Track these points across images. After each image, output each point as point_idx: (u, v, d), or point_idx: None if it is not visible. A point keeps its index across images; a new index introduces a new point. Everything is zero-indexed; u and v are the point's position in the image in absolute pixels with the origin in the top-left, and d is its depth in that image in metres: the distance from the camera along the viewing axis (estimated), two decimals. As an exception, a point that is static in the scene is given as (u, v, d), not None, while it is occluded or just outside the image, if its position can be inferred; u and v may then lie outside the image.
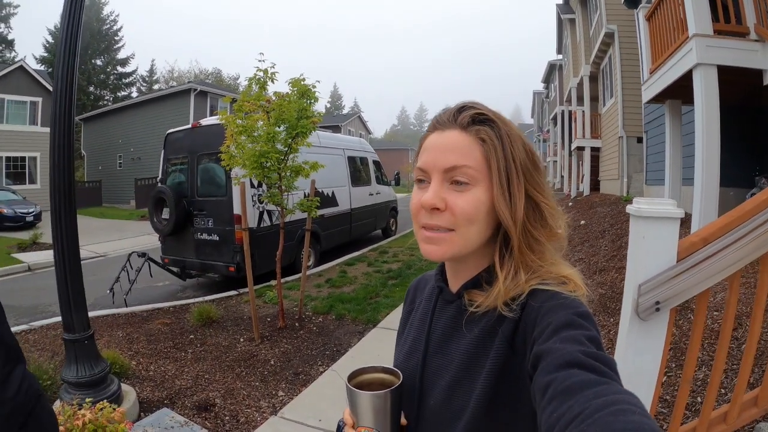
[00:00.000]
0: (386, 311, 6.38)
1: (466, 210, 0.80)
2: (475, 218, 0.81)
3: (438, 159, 0.82)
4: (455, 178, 0.81)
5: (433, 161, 0.83)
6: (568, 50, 21.60)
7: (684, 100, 7.40)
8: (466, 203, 0.80)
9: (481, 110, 0.84)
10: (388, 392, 0.86)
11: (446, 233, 0.82)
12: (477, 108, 0.85)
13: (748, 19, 5.71)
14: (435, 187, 0.82)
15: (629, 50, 13.38)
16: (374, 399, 0.86)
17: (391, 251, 11.11)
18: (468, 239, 0.83)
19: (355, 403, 0.88)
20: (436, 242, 0.83)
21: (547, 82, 33.12)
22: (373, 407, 0.86)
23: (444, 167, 0.81)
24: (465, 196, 0.81)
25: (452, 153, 0.81)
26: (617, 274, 5.73)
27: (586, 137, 17.86)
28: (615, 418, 0.51)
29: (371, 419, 0.87)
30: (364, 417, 0.87)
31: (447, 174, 0.81)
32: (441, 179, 0.82)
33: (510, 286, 0.81)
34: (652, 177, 11.13)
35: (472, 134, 0.82)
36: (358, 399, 0.87)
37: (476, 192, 0.81)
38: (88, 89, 41.65)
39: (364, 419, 0.87)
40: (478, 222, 0.81)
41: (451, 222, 0.81)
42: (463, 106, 0.86)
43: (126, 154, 28.35)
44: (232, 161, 5.32)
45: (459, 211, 0.80)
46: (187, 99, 24.97)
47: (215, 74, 58.75)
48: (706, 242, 1.86)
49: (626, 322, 1.94)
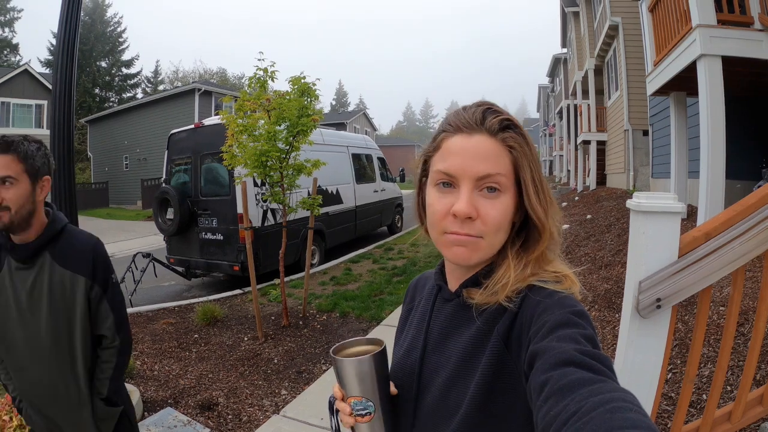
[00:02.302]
0: (390, 308, 6.35)
1: (497, 219, 0.81)
2: (502, 226, 0.82)
3: (469, 166, 0.81)
4: (488, 185, 0.81)
5: (462, 167, 0.81)
6: (573, 44, 21.44)
7: (689, 92, 7.31)
8: (498, 212, 0.81)
9: (506, 115, 0.84)
10: (371, 357, 0.87)
11: (476, 239, 0.82)
12: (501, 112, 0.84)
13: (752, 9, 5.63)
14: (467, 195, 0.80)
15: (634, 42, 13.26)
16: (358, 365, 0.87)
17: (396, 248, 11.09)
18: (493, 245, 0.84)
19: (341, 373, 0.89)
20: (465, 245, 0.82)
21: (552, 76, 32.92)
22: (358, 374, 0.87)
23: (477, 175, 0.80)
24: (496, 205, 0.81)
25: (485, 161, 0.80)
26: (623, 269, 5.68)
27: (591, 131, 17.74)
28: (612, 415, 0.51)
29: (358, 387, 0.88)
30: (351, 386, 0.88)
31: (479, 182, 0.81)
32: (472, 187, 0.81)
33: (518, 279, 0.82)
34: (659, 170, 11.04)
35: (501, 141, 0.81)
36: (343, 367, 0.88)
37: (504, 200, 0.82)
38: (93, 91, 41.89)
39: (352, 388, 0.88)
40: (504, 229, 0.83)
41: (481, 230, 0.81)
42: (486, 108, 0.84)
43: (132, 155, 28.46)
44: (234, 161, 5.32)
45: (491, 220, 0.81)
46: (191, 99, 25.04)
47: (220, 74, 58.85)
48: (708, 237, 1.82)
49: (627, 319, 1.91)
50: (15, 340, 1.74)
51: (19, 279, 1.72)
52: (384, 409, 0.91)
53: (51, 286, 1.74)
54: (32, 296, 1.72)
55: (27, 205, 1.68)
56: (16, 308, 1.71)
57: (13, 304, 1.71)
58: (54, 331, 1.75)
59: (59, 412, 1.82)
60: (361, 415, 0.89)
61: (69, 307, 1.77)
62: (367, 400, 0.89)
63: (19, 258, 1.73)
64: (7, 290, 1.71)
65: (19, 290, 1.72)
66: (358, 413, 0.89)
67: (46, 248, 1.76)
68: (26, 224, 1.71)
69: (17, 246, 1.72)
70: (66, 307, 1.76)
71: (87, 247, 1.84)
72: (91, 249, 1.84)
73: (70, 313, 1.77)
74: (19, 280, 1.72)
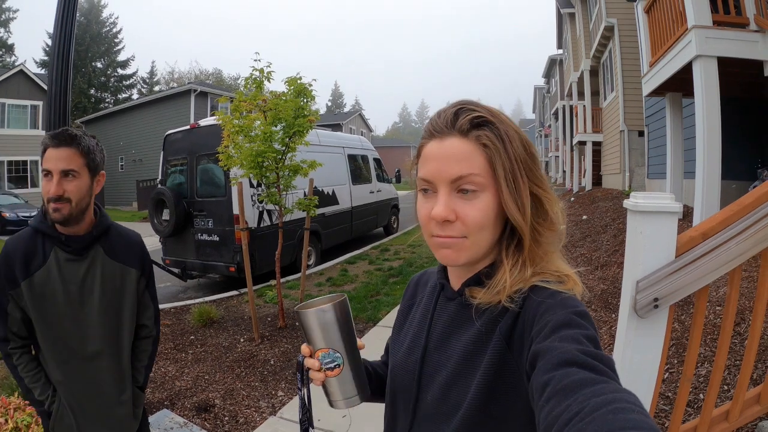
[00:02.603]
0: (387, 309, 6.34)
1: (477, 219, 0.81)
2: (485, 224, 0.82)
3: (443, 170, 0.81)
4: (462, 187, 0.81)
5: (437, 172, 0.82)
6: (568, 45, 21.50)
7: (685, 93, 7.34)
8: (477, 212, 0.81)
9: (478, 112, 0.82)
10: (332, 305, 0.91)
11: (460, 239, 0.82)
12: (474, 110, 0.83)
13: (747, 10, 5.65)
14: (444, 199, 0.81)
15: (629, 44, 13.30)
16: (321, 314, 0.90)
17: (392, 249, 11.08)
18: (480, 244, 0.84)
19: (306, 327, 0.91)
20: (450, 246, 0.83)
21: (547, 77, 33.01)
22: (321, 324, 0.90)
23: (450, 178, 0.81)
24: (474, 204, 0.81)
25: (457, 163, 0.80)
26: (619, 269, 5.69)
27: (587, 132, 17.77)
28: (614, 416, 0.51)
29: (322, 338, 0.91)
30: (316, 338, 0.91)
31: (454, 184, 0.81)
32: (448, 190, 0.82)
33: (517, 279, 0.82)
34: (654, 171, 11.07)
35: (473, 140, 0.81)
36: (307, 319, 0.91)
37: (484, 198, 0.81)
38: (88, 92, 41.69)
39: (317, 341, 0.91)
40: (488, 227, 0.82)
41: (462, 231, 0.82)
42: (458, 108, 0.84)
43: (127, 156, 28.38)
44: (230, 161, 5.30)
45: (470, 221, 0.81)
46: (187, 100, 24.99)
47: (216, 74, 58.75)
48: (705, 237, 1.82)
49: (624, 319, 1.91)
50: (63, 332, 1.74)
51: (68, 271, 1.73)
52: (352, 361, 0.93)
53: (103, 277, 1.80)
54: (83, 288, 1.76)
55: (85, 198, 1.72)
56: (65, 300, 1.72)
57: (62, 296, 1.72)
58: (104, 322, 1.80)
59: (102, 404, 1.85)
60: (330, 369, 0.91)
61: (119, 298, 1.85)
62: (334, 351, 0.91)
63: (72, 250, 1.74)
64: (54, 282, 1.71)
65: (68, 282, 1.73)
66: (327, 366, 0.91)
67: (98, 241, 1.81)
68: (81, 217, 1.74)
69: (70, 238, 1.74)
70: (117, 298, 1.84)
71: (136, 241, 1.96)
72: (139, 243, 1.96)
73: (119, 305, 1.85)
74: (68, 272, 1.73)
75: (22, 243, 1.72)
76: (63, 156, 1.64)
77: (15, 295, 1.69)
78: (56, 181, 1.63)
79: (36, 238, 1.73)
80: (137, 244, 1.95)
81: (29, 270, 1.69)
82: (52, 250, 1.72)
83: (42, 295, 1.70)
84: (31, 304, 1.69)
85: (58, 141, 1.65)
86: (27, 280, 1.68)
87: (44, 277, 1.70)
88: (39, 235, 1.74)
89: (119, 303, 1.85)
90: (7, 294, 1.69)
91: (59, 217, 1.65)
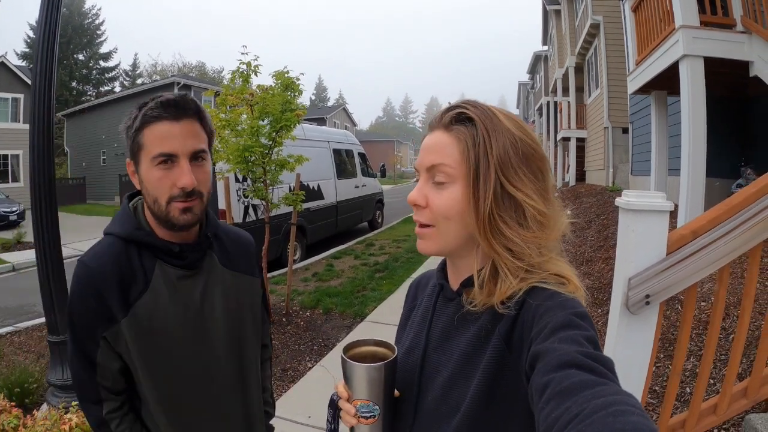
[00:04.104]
0: (374, 304, 6.36)
1: (441, 207, 0.84)
2: (450, 215, 0.84)
3: (423, 158, 0.88)
4: (435, 177, 0.85)
5: (420, 161, 0.89)
6: (554, 41, 21.64)
7: (670, 91, 7.42)
8: (441, 200, 0.84)
9: (465, 109, 0.84)
10: (384, 365, 0.87)
11: (429, 229, 0.87)
12: (462, 107, 0.85)
13: (734, 11, 5.73)
14: (420, 185, 0.88)
15: (615, 41, 13.41)
16: (370, 371, 0.87)
17: (377, 243, 11.09)
18: (447, 235, 0.86)
19: (351, 376, 0.89)
20: (423, 237, 0.88)
21: (532, 73, 33.18)
22: (369, 379, 0.88)
23: (426, 166, 0.87)
24: (442, 194, 0.84)
25: (433, 153, 0.86)
26: (604, 264, 5.76)
27: (571, 128, 17.94)
28: (614, 419, 0.51)
29: (366, 391, 0.88)
30: (359, 389, 0.89)
31: (429, 173, 0.87)
32: (426, 177, 0.87)
33: (504, 288, 0.81)
34: (638, 167, 11.20)
35: (452, 134, 0.84)
36: (355, 371, 0.88)
37: (453, 189, 0.83)
38: (70, 84, 41.00)
39: (360, 392, 0.89)
40: (454, 218, 0.84)
41: (429, 218, 0.86)
42: (451, 106, 0.88)
43: (110, 149, 27.93)
44: (216, 156, 5.25)
45: (435, 208, 0.85)
46: (170, 93, 24.70)
47: (199, 67, 58.30)
48: (695, 235, 1.85)
49: (616, 315, 1.93)
50: (181, 378, 1.25)
51: (183, 292, 1.24)
52: (388, 414, 0.92)
53: (226, 295, 1.33)
54: (203, 313, 1.28)
55: (210, 190, 1.26)
56: (182, 333, 1.24)
57: (178, 329, 1.23)
58: (231, 350, 1.34)
59: None
60: (365, 417, 0.89)
61: (243, 317, 1.39)
62: (374, 404, 0.89)
63: (186, 263, 1.26)
64: (165, 310, 1.21)
65: (185, 307, 1.25)
66: (363, 415, 0.89)
67: (212, 247, 1.34)
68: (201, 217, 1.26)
69: (183, 248, 1.24)
70: (240, 317, 1.38)
71: (249, 241, 1.49)
72: (253, 243, 1.51)
73: (243, 325, 1.39)
74: (183, 294, 1.24)
75: (111, 261, 1.18)
76: (189, 131, 1.17)
77: (110, 337, 1.17)
78: (187, 168, 1.15)
79: (129, 252, 1.20)
80: (251, 244, 1.49)
81: (128, 299, 1.18)
82: (155, 265, 1.22)
83: (149, 332, 1.19)
84: (136, 347, 1.18)
85: (179, 110, 1.16)
86: (129, 312, 1.17)
87: (150, 305, 1.19)
88: (133, 247, 1.21)
89: (243, 323, 1.39)
90: (98, 338, 1.17)
91: (191, 219, 1.18)
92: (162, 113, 1.13)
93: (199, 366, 1.27)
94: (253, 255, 1.48)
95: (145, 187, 1.19)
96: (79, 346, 1.19)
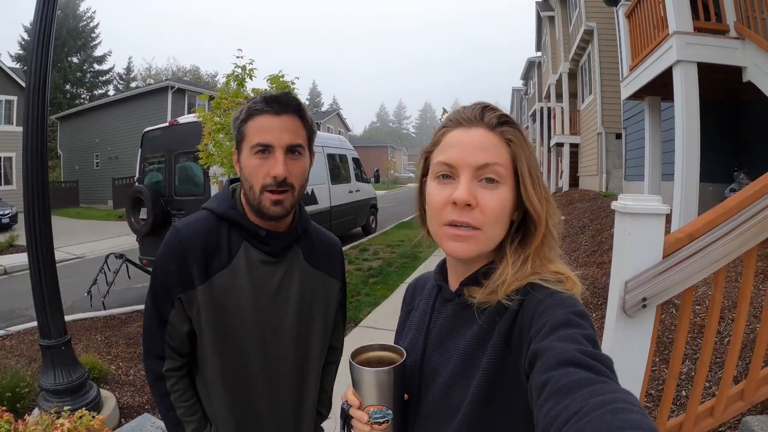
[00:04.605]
0: (368, 309, 6.34)
1: (495, 209, 0.82)
2: (500, 217, 0.83)
3: (468, 155, 0.82)
4: (486, 176, 0.82)
5: (461, 157, 0.83)
6: (548, 47, 21.76)
7: (663, 97, 7.47)
8: (496, 202, 0.82)
9: (504, 113, 0.86)
10: (392, 369, 0.87)
11: (473, 231, 0.82)
12: (499, 110, 0.87)
13: (728, 17, 5.78)
14: (467, 184, 0.82)
15: (608, 47, 13.52)
16: (379, 375, 0.87)
17: (371, 249, 11.08)
18: (491, 238, 0.84)
19: (361, 381, 0.88)
20: (463, 240, 0.83)
21: (525, 79, 33.34)
22: (378, 384, 0.87)
23: (476, 164, 0.82)
24: (494, 195, 0.82)
25: (483, 151, 0.82)
26: (598, 269, 5.77)
27: (565, 134, 18.06)
28: (613, 416, 0.51)
29: (376, 396, 0.88)
30: (369, 395, 0.88)
31: (478, 171, 0.82)
32: (471, 176, 0.82)
33: (517, 276, 0.82)
34: (632, 173, 11.25)
35: (498, 134, 0.84)
36: (364, 377, 0.88)
37: (503, 191, 0.82)
38: (64, 87, 40.79)
39: (371, 397, 0.88)
40: (501, 221, 0.83)
41: (479, 220, 0.82)
42: (484, 106, 0.87)
43: (103, 153, 27.79)
44: (210, 160, 5.25)
45: (489, 210, 0.81)
46: (164, 97, 24.58)
47: (193, 71, 58.12)
48: (691, 238, 1.86)
49: (612, 319, 1.93)
50: (244, 357, 1.34)
51: (261, 276, 1.33)
52: (401, 417, 0.92)
53: (302, 289, 1.40)
54: (277, 300, 1.35)
55: (305, 186, 1.35)
56: (252, 309, 1.32)
57: (250, 305, 1.31)
58: (296, 342, 1.40)
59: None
60: (379, 423, 0.89)
61: (314, 314, 1.44)
62: (387, 409, 0.88)
63: (271, 250, 1.34)
64: (241, 288, 1.30)
65: (259, 290, 1.33)
66: (376, 421, 0.88)
67: (299, 242, 1.42)
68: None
69: (271, 234, 1.34)
70: (312, 313, 1.43)
71: (337, 245, 1.56)
72: (341, 248, 1.57)
73: (313, 321, 1.44)
74: (260, 278, 1.33)
75: (202, 232, 1.30)
76: (288, 126, 1.26)
77: (185, 300, 1.29)
78: (281, 159, 1.24)
79: (219, 228, 1.32)
80: (339, 249, 1.55)
81: (209, 270, 1.28)
82: (242, 245, 1.32)
83: (222, 304, 1.29)
84: (206, 315, 1.28)
85: (280, 106, 1.26)
86: (206, 282, 1.28)
87: (229, 280, 1.29)
88: (224, 225, 1.32)
89: (313, 321, 1.44)
90: (174, 298, 1.29)
91: (280, 212, 1.27)
92: (264, 107, 1.25)
93: (262, 348, 1.34)
94: (337, 258, 1.53)
95: (243, 174, 1.29)
96: (155, 302, 1.31)
